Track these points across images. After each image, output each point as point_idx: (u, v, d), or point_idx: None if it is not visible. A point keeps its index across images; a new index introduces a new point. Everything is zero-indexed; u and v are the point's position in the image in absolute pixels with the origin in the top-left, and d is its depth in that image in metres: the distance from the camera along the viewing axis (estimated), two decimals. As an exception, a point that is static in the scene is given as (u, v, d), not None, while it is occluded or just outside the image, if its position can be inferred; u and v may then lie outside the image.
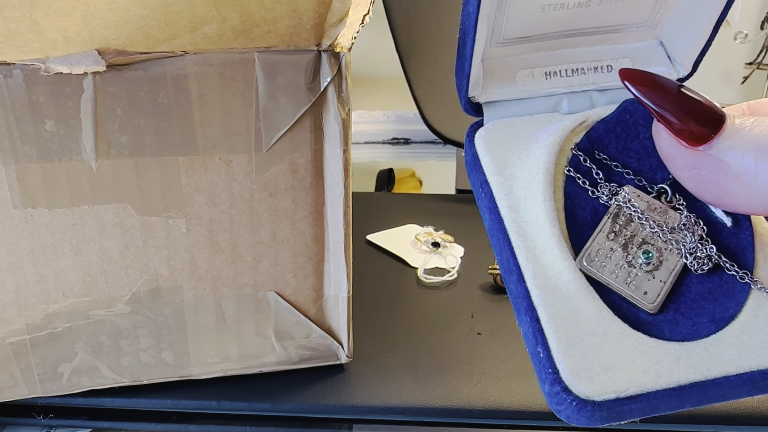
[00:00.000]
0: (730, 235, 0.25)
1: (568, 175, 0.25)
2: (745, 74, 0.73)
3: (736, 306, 0.23)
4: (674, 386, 0.21)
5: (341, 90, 0.34)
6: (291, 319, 0.40)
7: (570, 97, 0.27)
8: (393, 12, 0.67)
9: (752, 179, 0.22)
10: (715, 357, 0.22)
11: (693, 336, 0.23)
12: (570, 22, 0.27)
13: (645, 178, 0.26)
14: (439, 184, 0.81)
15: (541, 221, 0.24)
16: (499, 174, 0.25)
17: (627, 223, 0.25)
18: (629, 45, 0.28)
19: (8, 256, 0.35)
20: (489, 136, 0.27)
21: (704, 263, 0.24)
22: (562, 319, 0.22)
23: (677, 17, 0.27)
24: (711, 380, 0.22)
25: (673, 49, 0.28)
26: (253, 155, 0.35)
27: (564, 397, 0.21)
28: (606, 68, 0.28)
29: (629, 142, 0.26)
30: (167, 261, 0.37)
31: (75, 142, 0.33)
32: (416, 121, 0.74)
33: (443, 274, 0.53)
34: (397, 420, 0.41)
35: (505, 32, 0.26)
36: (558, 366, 0.21)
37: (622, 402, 0.21)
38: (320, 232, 0.38)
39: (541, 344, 0.22)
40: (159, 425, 0.41)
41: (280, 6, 0.31)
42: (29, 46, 0.30)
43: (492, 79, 0.27)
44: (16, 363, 0.37)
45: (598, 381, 0.21)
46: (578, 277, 0.23)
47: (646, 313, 0.24)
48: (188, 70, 0.32)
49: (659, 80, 0.23)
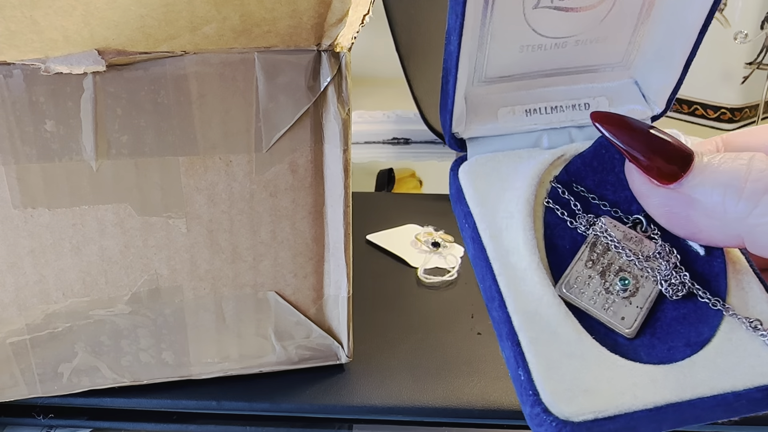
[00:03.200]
0: (703, 263, 0.25)
1: (547, 206, 0.26)
2: (745, 74, 0.73)
3: (709, 330, 0.24)
4: (651, 407, 0.22)
5: (341, 90, 0.34)
6: (291, 319, 0.40)
7: (550, 133, 0.28)
8: (393, 12, 0.67)
9: (722, 215, 0.23)
10: (690, 379, 0.23)
11: (669, 359, 0.23)
12: (548, 62, 0.28)
13: (621, 210, 0.27)
14: (439, 184, 0.81)
15: (521, 250, 0.25)
16: (481, 205, 0.26)
17: (604, 251, 0.25)
18: (605, 84, 0.29)
19: (8, 256, 0.35)
20: (472, 170, 0.28)
21: (678, 289, 0.25)
22: (542, 342, 0.23)
23: (649, 58, 0.28)
24: (686, 401, 0.22)
25: (647, 88, 0.29)
26: (253, 155, 0.35)
27: (544, 419, 0.21)
28: (584, 106, 0.29)
29: (605, 176, 0.27)
30: (167, 261, 0.37)
31: (75, 142, 0.33)
32: (416, 121, 0.74)
33: (443, 274, 0.53)
34: (397, 420, 0.41)
35: (486, 71, 0.27)
36: (538, 388, 0.22)
37: (600, 423, 0.21)
38: (320, 232, 0.38)
39: (522, 367, 0.22)
40: (159, 425, 0.41)
41: (280, 6, 0.31)
42: (29, 46, 0.30)
43: (475, 116, 0.28)
44: (16, 363, 0.37)
45: (576, 402, 0.22)
46: (557, 303, 0.24)
47: (623, 338, 0.24)
48: (188, 70, 0.32)
49: (629, 122, 0.24)
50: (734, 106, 0.74)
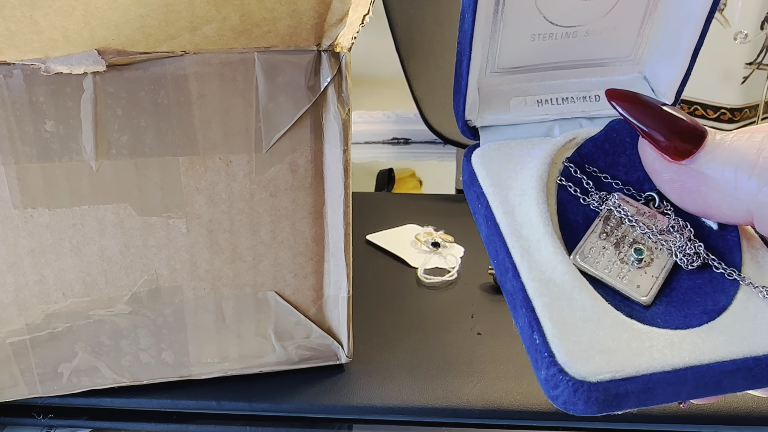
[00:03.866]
0: (717, 237, 0.26)
1: (560, 184, 0.27)
2: (745, 74, 0.73)
3: (726, 299, 0.24)
4: (670, 369, 0.22)
5: (341, 90, 0.34)
6: (291, 319, 0.40)
7: (561, 123, 0.29)
8: (393, 12, 0.67)
9: (732, 191, 0.23)
10: (708, 343, 0.22)
11: (685, 325, 0.23)
12: (559, 54, 0.28)
13: (633, 188, 0.27)
14: (439, 184, 0.81)
15: (535, 222, 0.25)
16: (494, 185, 0.27)
17: (618, 225, 0.26)
18: (615, 78, 0.30)
19: (8, 256, 0.35)
20: (485, 154, 0.28)
21: (694, 260, 0.25)
22: (557, 308, 0.23)
23: (657, 51, 0.29)
24: (706, 365, 0.22)
25: (656, 82, 0.30)
26: (253, 155, 0.35)
27: (560, 379, 0.21)
28: (594, 98, 0.29)
29: (617, 158, 0.28)
30: (167, 261, 0.37)
31: (75, 142, 0.33)
32: (416, 121, 0.74)
33: (443, 274, 0.53)
34: (397, 420, 0.41)
35: (498, 62, 0.28)
36: (554, 350, 0.22)
37: (618, 383, 0.21)
38: (320, 232, 0.38)
39: (537, 331, 0.22)
40: (159, 425, 0.41)
41: (280, 6, 0.31)
42: (29, 46, 0.30)
43: (487, 106, 0.29)
44: (16, 363, 0.37)
45: (593, 362, 0.21)
46: (572, 270, 0.24)
47: (639, 305, 0.24)
48: (188, 70, 0.32)
49: (644, 99, 0.25)
50: (734, 107, 0.74)
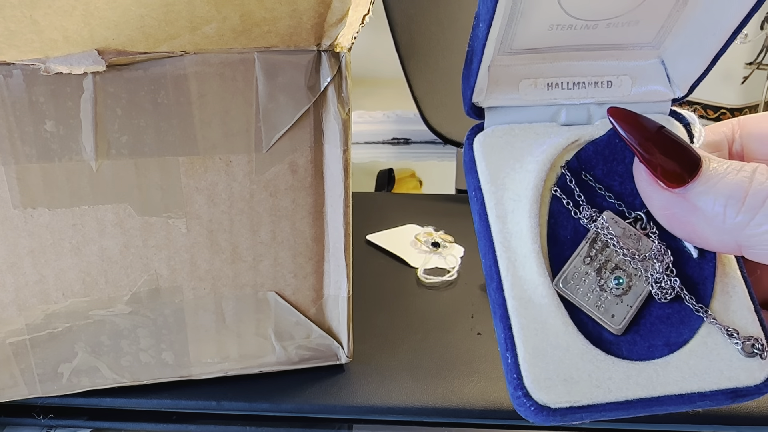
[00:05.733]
0: (694, 266, 0.27)
1: (554, 194, 0.27)
2: (745, 74, 0.73)
3: (689, 332, 0.26)
4: (621, 400, 0.24)
5: (341, 90, 0.34)
6: (291, 319, 0.40)
7: (569, 108, 0.29)
8: (393, 12, 0.67)
9: (720, 224, 0.24)
10: (662, 377, 0.25)
11: (647, 356, 0.25)
12: (576, 39, 0.28)
13: (625, 202, 0.28)
14: (439, 184, 0.81)
15: (524, 236, 0.26)
16: (491, 183, 0.27)
17: (603, 248, 0.27)
18: (631, 62, 0.29)
19: (8, 256, 0.35)
20: (487, 141, 0.28)
21: (668, 293, 0.26)
22: (531, 330, 0.25)
23: (681, 42, 0.28)
24: (654, 398, 0.25)
25: (673, 70, 0.29)
26: (253, 155, 0.35)
27: (524, 401, 0.24)
28: (606, 83, 0.29)
29: (615, 165, 0.28)
30: (167, 261, 0.37)
31: (75, 142, 0.33)
32: (416, 121, 0.74)
33: (443, 274, 0.53)
34: (397, 420, 0.41)
35: (513, 43, 0.28)
36: (522, 373, 0.24)
37: (574, 410, 0.24)
38: (320, 232, 0.38)
39: (510, 351, 0.25)
40: (159, 425, 0.41)
41: (280, 6, 0.31)
42: (29, 46, 0.30)
43: (496, 86, 0.28)
44: (16, 363, 0.37)
45: (555, 391, 0.24)
46: (551, 294, 0.26)
47: (608, 333, 0.26)
48: (188, 70, 0.32)
49: (643, 120, 0.25)
50: (734, 106, 0.74)
